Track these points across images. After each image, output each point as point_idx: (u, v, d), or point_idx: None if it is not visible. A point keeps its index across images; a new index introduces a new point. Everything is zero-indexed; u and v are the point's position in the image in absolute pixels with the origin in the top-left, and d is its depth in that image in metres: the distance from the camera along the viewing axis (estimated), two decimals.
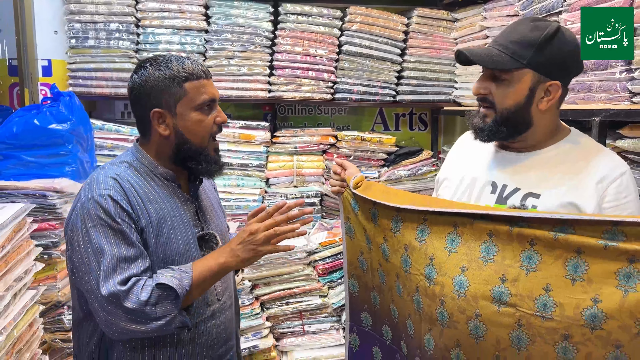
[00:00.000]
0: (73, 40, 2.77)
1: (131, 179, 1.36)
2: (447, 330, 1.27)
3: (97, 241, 1.26)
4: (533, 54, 1.24)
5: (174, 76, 1.35)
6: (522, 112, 1.29)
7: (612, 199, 1.22)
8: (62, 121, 2.39)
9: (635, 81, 1.67)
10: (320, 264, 2.74)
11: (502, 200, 1.33)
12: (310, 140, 3.02)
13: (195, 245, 1.41)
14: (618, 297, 1.04)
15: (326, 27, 2.95)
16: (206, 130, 1.40)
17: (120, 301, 1.22)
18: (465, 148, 1.54)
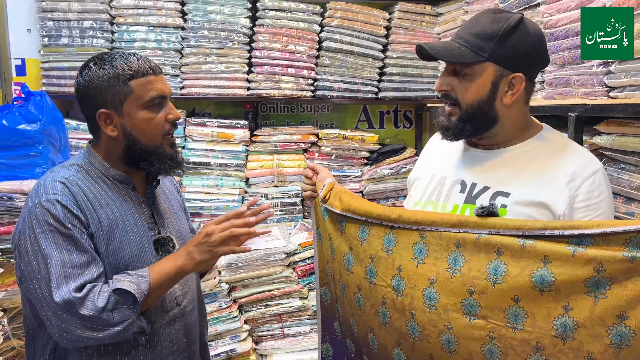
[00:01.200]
0: (46, 39, 2.70)
1: (81, 182, 1.31)
2: (420, 343, 1.21)
3: (46, 248, 1.20)
4: (494, 47, 1.19)
5: (119, 74, 1.29)
6: (486, 107, 1.23)
7: (584, 198, 1.16)
8: (31, 121, 2.34)
9: (612, 75, 1.61)
10: (300, 266, 2.68)
11: (471, 200, 1.28)
12: (291, 138, 2.96)
13: (150, 249, 1.37)
14: (588, 305, 0.98)
15: (306, 23, 2.89)
16: (157, 128, 1.35)
17: (76, 308, 1.18)
18: (436, 147, 1.50)
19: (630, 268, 0.94)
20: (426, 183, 1.42)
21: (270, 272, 2.62)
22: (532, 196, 1.19)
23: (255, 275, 2.61)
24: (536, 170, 1.22)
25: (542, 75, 2.02)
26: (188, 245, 1.33)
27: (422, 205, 1.39)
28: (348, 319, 1.47)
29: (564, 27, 1.85)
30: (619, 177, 1.55)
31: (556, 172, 1.20)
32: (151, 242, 1.38)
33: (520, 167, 1.25)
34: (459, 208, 1.31)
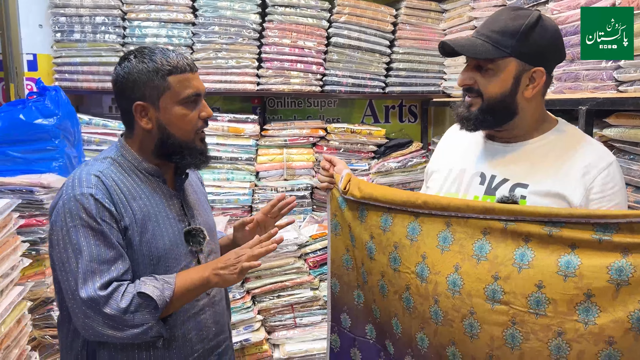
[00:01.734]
0: (58, 34, 2.73)
1: (115, 175, 1.33)
2: (442, 328, 1.26)
3: (77, 241, 1.24)
4: (516, 43, 1.24)
5: (158, 69, 1.32)
6: (508, 100, 1.29)
7: (599, 190, 1.22)
8: (48, 116, 2.36)
9: (621, 70, 1.68)
10: (311, 257, 2.74)
11: (491, 191, 1.33)
12: (300, 133, 3.01)
13: (181, 241, 1.40)
14: (611, 291, 1.03)
15: (314, 19, 2.94)
16: (190, 124, 1.38)
17: (99, 306, 1.21)
18: (453, 140, 1.54)
19: None
20: (445, 175, 1.46)
21: (282, 263, 2.68)
22: (550, 187, 1.25)
23: (268, 266, 2.66)
24: (553, 162, 1.28)
25: None
26: (219, 260, 1.35)
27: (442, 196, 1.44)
28: (370, 305, 1.52)
29: (572, 23, 1.91)
30: (629, 167, 1.62)
31: (572, 164, 1.25)
32: (182, 233, 1.41)
33: (538, 160, 1.30)
34: (479, 199, 1.35)
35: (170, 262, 1.36)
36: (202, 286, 1.33)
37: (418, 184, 3.13)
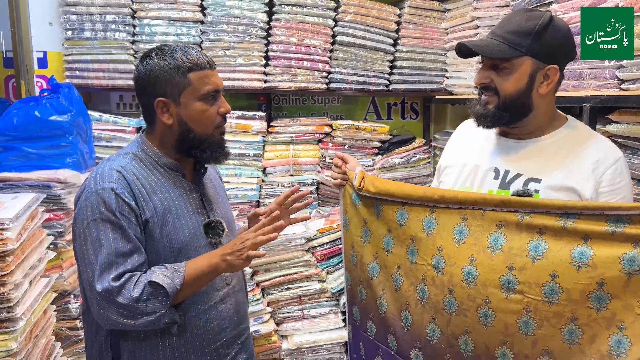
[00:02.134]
0: (69, 32, 2.77)
1: (136, 170, 1.38)
2: (456, 317, 1.32)
3: (96, 235, 1.29)
4: (531, 42, 1.31)
5: (179, 66, 1.37)
6: (524, 97, 1.36)
7: (608, 184, 1.29)
8: (62, 112, 2.40)
9: (624, 69, 1.76)
10: (318, 250, 2.81)
11: (505, 186, 1.40)
12: (306, 129, 3.07)
13: (201, 233, 1.44)
14: (623, 279, 1.09)
15: (320, 18, 3.00)
16: (210, 120, 1.43)
17: (113, 296, 1.26)
18: (466, 136, 1.60)
19: None
20: (459, 171, 1.52)
21: (290, 256, 2.75)
22: (562, 182, 1.32)
23: (276, 259, 2.73)
24: (565, 158, 1.35)
25: None
26: (226, 246, 1.39)
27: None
28: (376, 299, 1.57)
29: (576, 24, 1.98)
30: (632, 162, 1.70)
31: (583, 160, 1.32)
32: (201, 226, 1.45)
33: (550, 155, 1.37)
34: (494, 193, 1.41)
35: (191, 254, 1.40)
36: (211, 272, 1.36)
37: (421, 179, 3.21)
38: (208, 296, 1.45)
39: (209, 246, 1.45)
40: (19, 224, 1.58)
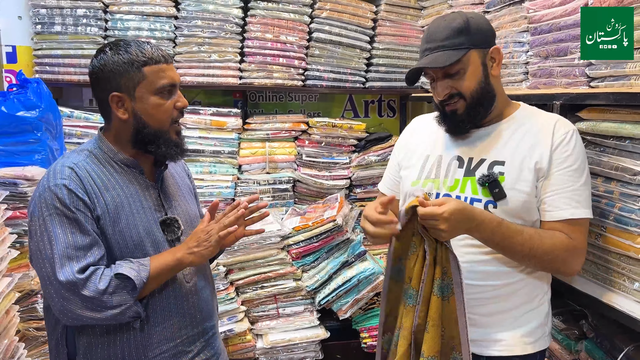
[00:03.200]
0: (39, 26, 2.71)
1: (89, 167, 1.38)
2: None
3: (52, 230, 1.29)
4: (467, 36, 1.38)
5: (133, 60, 1.37)
6: (486, 86, 1.42)
7: (562, 151, 1.38)
8: (30, 108, 2.35)
9: (593, 67, 1.77)
10: (294, 248, 2.79)
11: (470, 172, 1.45)
12: (282, 126, 3.05)
13: (158, 229, 1.44)
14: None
15: (296, 14, 2.98)
16: (166, 114, 1.42)
17: (78, 289, 1.26)
18: (419, 131, 1.63)
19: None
20: (422, 164, 1.54)
21: (265, 254, 2.73)
22: (523, 160, 1.39)
23: (251, 258, 2.70)
24: (523, 137, 1.42)
25: (527, 67, 2.18)
26: (189, 241, 1.42)
27: (421, 184, 1.52)
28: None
29: (547, 22, 2.00)
30: (600, 159, 1.70)
31: (537, 134, 1.41)
32: (158, 223, 1.45)
33: (509, 137, 1.43)
34: (460, 181, 1.46)
35: (147, 250, 1.41)
36: (176, 266, 1.40)
37: None
38: (168, 292, 1.45)
39: (166, 243, 1.45)
40: None
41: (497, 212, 1.38)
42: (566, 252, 1.37)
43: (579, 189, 1.38)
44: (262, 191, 3.04)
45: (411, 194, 1.48)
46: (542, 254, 1.35)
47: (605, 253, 1.70)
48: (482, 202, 1.41)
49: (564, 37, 1.91)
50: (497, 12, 2.41)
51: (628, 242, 1.57)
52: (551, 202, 1.39)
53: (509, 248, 1.35)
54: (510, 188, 1.38)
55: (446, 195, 1.45)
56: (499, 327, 1.46)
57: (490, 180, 1.36)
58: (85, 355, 1.37)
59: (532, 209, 1.40)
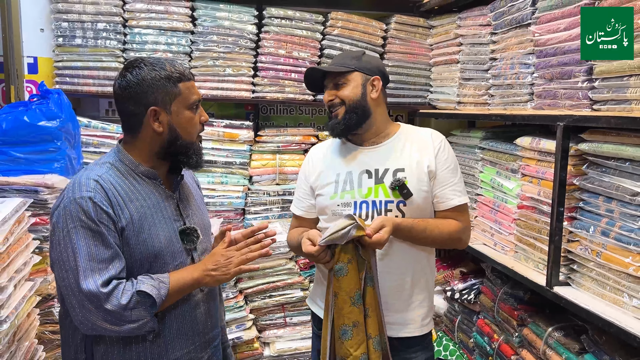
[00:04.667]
0: (60, 39, 2.81)
1: (113, 179, 1.42)
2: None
3: (76, 242, 1.33)
4: (357, 62, 1.76)
5: (169, 76, 1.44)
6: (363, 102, 1.75)
7: (442, 153, 1.77)
8: (51, 118, 2.43)
9: (596, 90, 1.84)
10: (302, 259, 2.85)
11: (379, 180, 1.75)
12: (293, 139, 3.13)
13: (177, 239, 1.49)
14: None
15: (308, 31, 3.07)
16: (195, 127, 1.51)
17: (101, 302, 1.31)
18: (322, 157, 1.89)
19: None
20: (334, 180, 1.80)
21: (274, 264, 2.79)
22: (418, 164, 1.74)
23: (260, 267, 2.77)
24: (412, 147, 1.78)
25: (532, 88, 2.25)
26: (207, 262, 1.48)
27: (339, 196, 1.77)
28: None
29: (552, 45, 2.07)
30: (601, 179, 1.77)
31: (422, 143, 1.78)
32: (177, 232, 1.50)
33: (401, 149, 1.78)
34: (372, 189, 1.74)
35: (167, 259, 1.46)
36: (192, 286, 1.47)
37: None
38: (182, 301, 1.50)
39: (184, 252, 1.51)
40: (6, 228, 1.62)
41: (407, 209, 1.72)
42: (460, 232, 1.76)
43: (458, 182, 1.78)
44: (271, 202, 3.11)
45: (337, 213, 1.76)
46: (445, 237, 1.74)
47: (606, 270, 1.76)
48: (394, 202, 1.72)
49: (568, 61, 1.98)
50: (504, 33, 2.48)
51: (628, 259, 1.64)
52: (442, 195, 1.76)
53: (421, 240, 1.72)
54: (413, 188, 1.71)
55: (363, 201, 1.74)
56: (410, 311, 1.78)
57: (400, 184, 1.70)
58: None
59: (429, 203, 1.77)
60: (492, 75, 2.58)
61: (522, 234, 2.24)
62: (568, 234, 1.93)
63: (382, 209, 1.71)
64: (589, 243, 1.82)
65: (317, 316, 1.89)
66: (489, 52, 2.63)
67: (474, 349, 2.66)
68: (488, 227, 2.55)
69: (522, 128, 2.55)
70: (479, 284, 2.75)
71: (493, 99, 2.61)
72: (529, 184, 2.19)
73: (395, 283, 1.75)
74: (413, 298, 1.78)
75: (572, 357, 1.91)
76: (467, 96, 2.87)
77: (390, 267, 1.74)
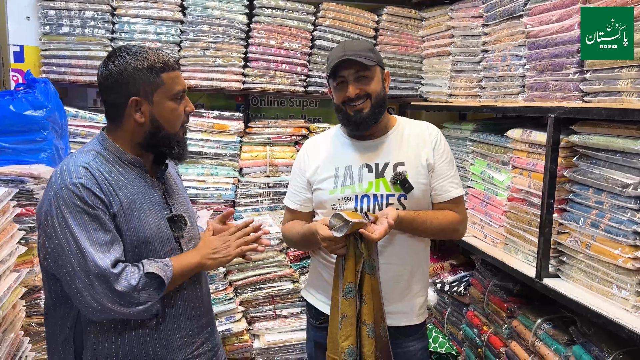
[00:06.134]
0: (47, 27, 2.76)
1: (100, 166, 1.41)
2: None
3: (74, 226, 1.31)
4: (374, 55, 1.74)
5: (152, 66, 1.42)
6: (383, 94, 1.76)
7: (439, 146, 1.79)
8: (38, 107, 2.39)
9: (587, 82, 1.83)
10: (292, 251, 2.84)
11: (380, 175, 1.75)
12: (283, 131, 3.11)
13: (166, 226, 1.49)
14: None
15: (300, 22, 3.04)
16: (179, 118, 1.49)
17: (111, 283, 1.30)
18: (318, 150, 1.87)
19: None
20: (334, 174, 1.79)
21: (264, 256, 2.78)
22: (417, 158, 1.76)
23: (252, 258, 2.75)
24: (409, 141, 1.79)
25: (523, 80, 2.24)
26: (207, 247, 1.55)
27: (339, 190, 1.76)
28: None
29: (544, 37, 2.07)
30: (591, 171, 1.77)
31: (417, 138, 1.80)
32: (165, 219, 1.50)
33: (400, 143, 1.79)
34: (373, 183, 1.74)
35: (157, 246, 1.46)
36: (196, 269, 1.52)
37: None
38: (175, 288, 1.50)
39: (172, 240, 1.51)
40: None
41: (407, 202, 1.73)
42: (457, 223, 1.79)
43: (455, 174, 1.80)
44: (261, 194, 3.09)
45: (337, 208, 1.75)
46: (443, 228, 1.76)
47: (595, 262, 1.76)
48: (395, 196, 1.73)
49: (560, 53, 1.98)
50: (496, 25, 2.48)
51: (617, 251, 1.64)
52: (440, 187, 1.77)
53: (422, 231, 1.74)
54: (414, 182, 1.72)
55: (364, 196, 1.74)
56: (408, 301, 1.81)
57: (401, 178, 1.70)
58: (92, 350, 1.40)
59: (427, 196, 1.78)
60: (484, 67, 2.58)
61: (512, 226, 2.24)
62: (558, 226, 1.93)
63: (383, 203, 1.73)
64: (579, 235, 1.82)
65: (314, 307, 1.88)
66: (480, 44, 2.62)
67: (464, 341, 2.67)
68: (478, 219, 2.55)
69: (513, 120, 2.54)
70: (468, 277, 2.76)
71: (484, 91, 2.61)
72: (519, 176, 2.19)
73: (395, 274, 1.76)
74: (412, 287, 1.80)
75: (561, 348, 1.92)
76: (459, 88, 2.86)
77: (391, 258, 1.75)
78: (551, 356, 1.95)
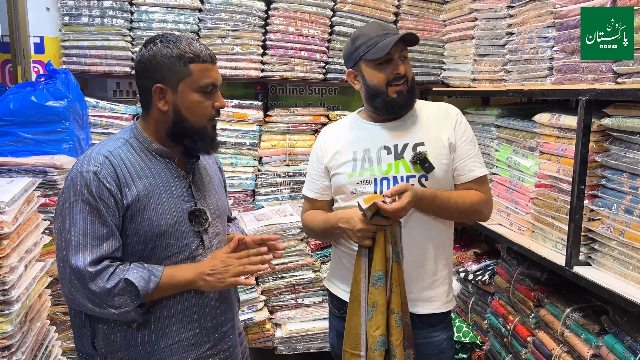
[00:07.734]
0: (66, 18, 2.76)
1: (124, 155, 1.41)
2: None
3: (74, 215, 1.34)
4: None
5: (181, 55, 1.39)
6: (414, 78, 1.75)
7: (460, 125, 1.76)
8: (59, 98, 2.40)
9: (620, 62, 1.76)
10: (313, 240, 2.82)
11: (399, 156, 1.72)
12: (303, 119, 3.08)
13: (184, 220, 1.46)
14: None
15: (318, 8, 2.99)
16: (205, 112, 1.45)
17: (85, 281, 1.31)
18: (335, 137, 1.84)
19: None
20: (352, 158, 1.75)
21: (285, 245, 2.75)
22: (437, 138, 1.73)
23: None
24: (429, 121, 1.76)
25: (551, 62, 2.17)
26: (204, 265, 1.44)
27: (358, 173, 1.73)
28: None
29: (573, 17, 2.00)
30: (625, 155, 1.71)
31: (436, 118, 1.77)
32: (186, 213, 1.47)
33: (420, 123, 1.76)
34: (393, 165, 1.71)
35: (172, 239, 1.44)
36: (185, 286, 1.43)
37: None
38: None
39: (192, 234, 1.48)
40: (15, 208, 1.59)
41: (429, 183, 1.69)
42: (482, 204, 1.73)
43: (477, 154, 1.77)
44: (281, 183, 3.07)
45: (356, 191, 1.73)
46: (467, 208, 1.70)
47: (629, 249, 1.71)
48: (416, 177, 1.69)
49: None
50: (521, 7, 2.40)
51: None
52: (462, 167, 1.74)
53: (444, 211, 1.69)
54: (435, 162, 1.69)
55: (384, 178, 1.70)
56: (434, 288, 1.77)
57: (421, 157, 1.66)
58: (104, 339, 1.42)
59: (450, 176, 1.74)
60: (509, 50, 2.51)
61: (540, 213, 2.19)
62: (589, 213, 1.87)
63: None
64: (612, 221, 1.77)
65: (336, 297, 1.86)
66: (505, 27, 2.55)
67: (488, 331, 2.63)
68: (504, 207, 2.49)
69: (539, 105, 2.48)
70: (493, 265, 2.71)
71: (510, 75, 2.54)
72: (547, 162, 2.13)
73: (416, 257, 1.72)
74: (437, 274, 1.76)
75: (592, 338, 1.87)
76: (482, 73, 2.80)
77: (411, 241, 1.70)
78: (581, 346, 1.90)
